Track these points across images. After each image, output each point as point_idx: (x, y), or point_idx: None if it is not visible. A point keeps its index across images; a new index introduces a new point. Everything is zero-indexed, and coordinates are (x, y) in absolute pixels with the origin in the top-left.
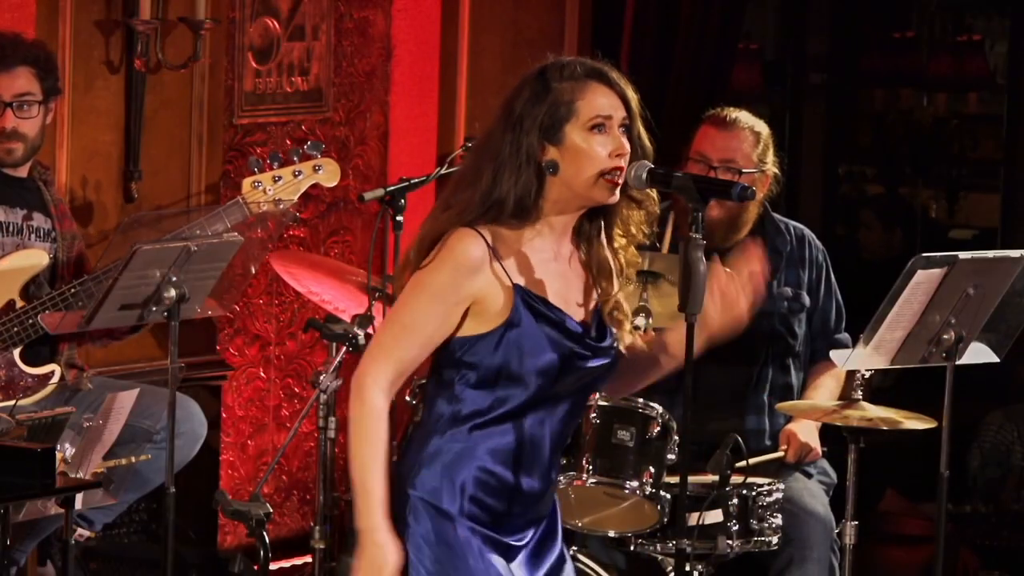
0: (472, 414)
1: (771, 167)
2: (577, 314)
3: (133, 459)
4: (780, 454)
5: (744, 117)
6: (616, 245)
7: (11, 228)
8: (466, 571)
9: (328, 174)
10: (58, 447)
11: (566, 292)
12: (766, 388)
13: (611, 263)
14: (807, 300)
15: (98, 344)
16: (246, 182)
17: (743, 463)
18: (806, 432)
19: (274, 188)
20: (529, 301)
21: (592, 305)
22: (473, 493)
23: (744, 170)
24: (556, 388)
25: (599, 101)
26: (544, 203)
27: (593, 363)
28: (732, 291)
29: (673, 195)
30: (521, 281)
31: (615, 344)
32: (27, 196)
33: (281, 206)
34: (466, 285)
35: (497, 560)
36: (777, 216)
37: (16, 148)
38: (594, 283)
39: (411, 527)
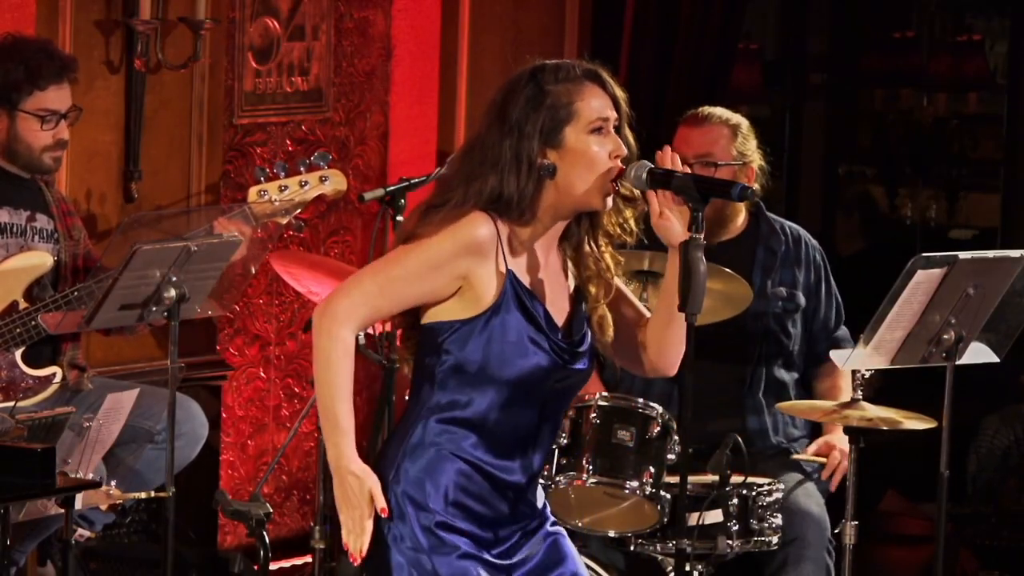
0: (450, 405)
1: (755, 159)
2: (559, 320)
3: (149, 493)
4: (824, 460)
5: (717, 112)
6: (600, 244)
7: (15, 229)
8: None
9: (334, 186)
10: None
11: (553, 298)
12: (760, 388)
13: (599, 266)
14: (802, 300)
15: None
16: (252, 191)
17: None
18: (843, 443)
19: (279, 198)
20: (518, 291)
21: (569, 314)
22: (455, 498)
23: (720, 163)
24: (534, 390)
25: (597, 103)
26: (539, 208)
27: (571, 367)
28: None
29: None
30: (516, 272)
31: (590, 350)
32: (30, 197)
33: (287, 217)
34: (466, 263)
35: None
36: (772, 216)
37: (62, 156)
38: (582, 288)
39: (394, 525)
